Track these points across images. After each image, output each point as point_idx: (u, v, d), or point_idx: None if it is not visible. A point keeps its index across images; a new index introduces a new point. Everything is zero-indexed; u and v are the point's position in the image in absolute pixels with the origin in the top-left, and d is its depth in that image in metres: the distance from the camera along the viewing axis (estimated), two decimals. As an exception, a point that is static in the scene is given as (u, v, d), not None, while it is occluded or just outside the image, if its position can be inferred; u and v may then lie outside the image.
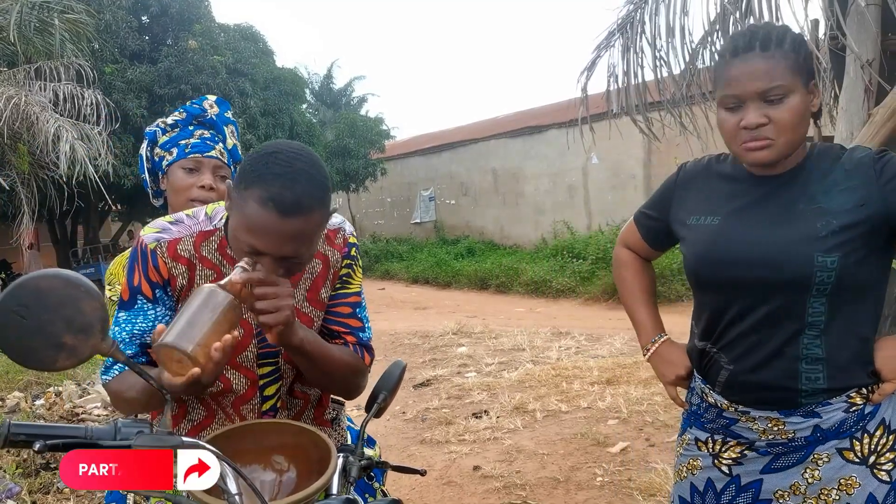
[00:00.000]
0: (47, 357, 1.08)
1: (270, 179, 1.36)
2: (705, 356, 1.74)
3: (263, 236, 1.37)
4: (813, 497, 1.62)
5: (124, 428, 1.15)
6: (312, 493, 1.29)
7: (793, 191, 1.61)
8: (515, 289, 14.67)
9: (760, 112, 1.53)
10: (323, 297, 1.65)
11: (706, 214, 1.70)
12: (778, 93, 1.52)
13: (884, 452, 1.60)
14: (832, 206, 1.55)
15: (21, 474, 4.46)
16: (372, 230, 25.56)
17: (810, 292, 1.54)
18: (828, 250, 1.52)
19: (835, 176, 1.58)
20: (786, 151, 1.58)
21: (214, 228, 1.60)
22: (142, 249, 1.57)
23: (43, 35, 10.04)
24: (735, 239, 1.62)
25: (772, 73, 1.52)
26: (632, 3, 3.70)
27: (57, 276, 1.08)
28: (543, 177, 18.78)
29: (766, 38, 1.54)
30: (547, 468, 4.60)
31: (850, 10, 2.71)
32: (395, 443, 5.42)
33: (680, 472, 1.83)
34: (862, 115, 2.71)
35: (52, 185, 11.02)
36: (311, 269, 1.63)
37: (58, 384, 6.91)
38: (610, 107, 3.96)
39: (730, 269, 1.62)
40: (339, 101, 32.00)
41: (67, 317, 1.07)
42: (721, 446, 1.72)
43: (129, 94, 15.58)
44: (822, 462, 1.61)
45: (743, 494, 1.69)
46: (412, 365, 7.96)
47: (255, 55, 18.43)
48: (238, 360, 1.60)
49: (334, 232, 1.67)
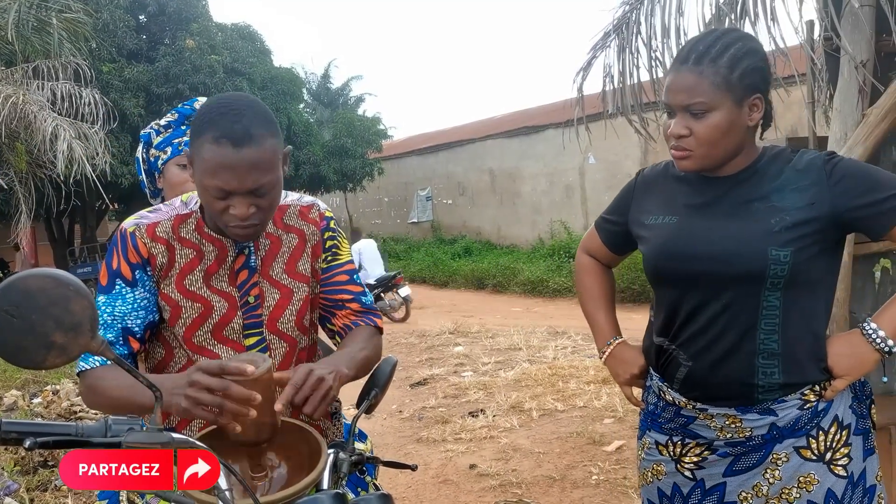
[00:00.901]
0: (37, 356, 1.08)
1: (218, 120, 1.47)
2: (663, 353, 1.76)
3: (225, 172, 1.46)
4: (775, 497, 1.65)
5: (115, 425, 1.15)
6: (302, 489, 1.30)
7: (746, 190, 1.66)
8: (512, 288, 14.68)
9: (683, 123, 1.60)
10: (301, 269, 1.72)
11: (664, 214, 1.75)
12: (699, 108, 1.58)
13: (839, 448, 1.64)
14: (785, 204, 1.60)
15: (19, 472, 4.47)
16: (369, 230, 25.54)
17: (765, 285, 1.59)
18: (781, 244, 1.57)
19: (787, 176, 1.63)
20: (707, 163, 1.64)
21: (191, 212, 1.68)
22: (121, 234, 1.65)
23: (41, 34, 10.04)
24: (692, 234, 1.68)
25: (695, 88, 1.58)
26: (627, 3, 3.71)
27: (47, 276, 1.08)
28: (540, 177, 18.79)
29: (701, 53, 1.58)
30: (543, 467, 4.62)
31: (845, 12, 2.72)
32: (392, 441, 5.43)
33: (645, 476, 1.85)
34: (856, 116, 2.71)
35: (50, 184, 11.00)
36: (288, 244, 1.71)
37: (55, 382, 6.91)
38: (606, 107, 3.97)
39: (687, 262, 1.67)
40: (337, 101, 31.94)
41: (57, 316, 1.07)
42: (681, 449, 1.75)
43: (127, 94, 15.54)
44: (781, 462, 1.64)
45: (709, 498, 1.71)
46: (409, 364, 7.98)
47: (252, 54, 18.40)
48: (224, 333, 1.64)
49: (307, 208, 1.76)
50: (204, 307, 1.63)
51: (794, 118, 8.87)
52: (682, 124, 1.60)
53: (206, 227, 1.65)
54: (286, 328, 1.68)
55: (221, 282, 1.65)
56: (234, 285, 1.65)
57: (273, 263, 1.69)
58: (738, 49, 1.59)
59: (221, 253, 1.65)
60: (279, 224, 1.72)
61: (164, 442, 1.14)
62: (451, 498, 4.29)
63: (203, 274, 1.64)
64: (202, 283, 1.64)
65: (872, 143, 2.64)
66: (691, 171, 1.66)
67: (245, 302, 1.65)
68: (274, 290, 1.68)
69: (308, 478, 1.32)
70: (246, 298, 1.65)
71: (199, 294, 1.64)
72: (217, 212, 1.53)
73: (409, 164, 24.08)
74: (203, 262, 1.65)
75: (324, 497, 1.32)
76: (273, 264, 1.68)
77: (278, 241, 1.71)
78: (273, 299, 1.67)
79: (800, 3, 2.99)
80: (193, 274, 1.64)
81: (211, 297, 1.64)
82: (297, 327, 1.70)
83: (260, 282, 1.67)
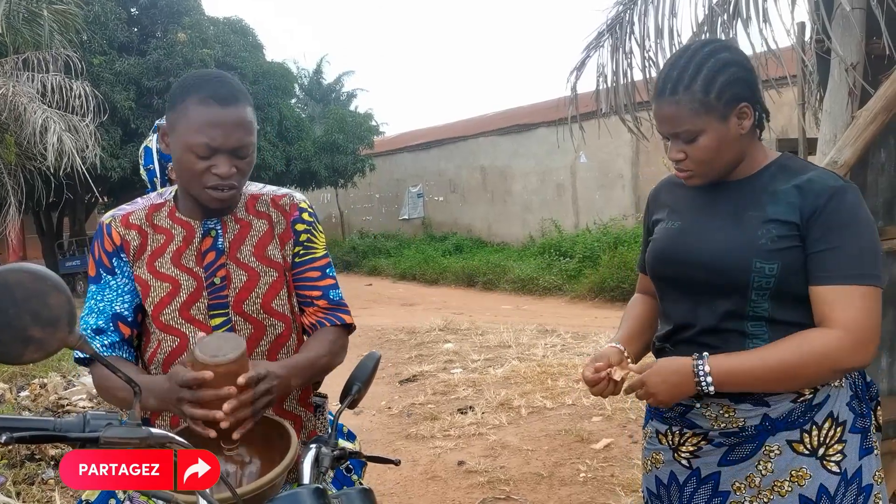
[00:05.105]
0: (14, 350, 1.08)
1: (203, 84, 1.58)
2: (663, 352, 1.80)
3: (212, 129, 1.54)
4: (767, 489, 1.66)
5: (93, 420, 1.15)
6: (273, 479, 1.31)
7: (747, 198, 1.68)
8: (502, 286, 14.68)
9: (678, 148, 1.65)
10: (270, 255, 1.74)
11: (671, 219, 1.79)
12: (686, 136, 1.62)
13: (832, 444, 1.64)
14: (777, 216, 1.61)
15: (6, 465, 4.45)
16: (360, 226, 25.53)
17: (750, 297, 1.61)
18: (767, 257, 1.59)
19: (787, 188, 1.63)
20: (713, 176, 1.68)
21: (164, 201, 1.75)
22: (99, 227, 1.73)
23: (31, 25, 9.99)
24: (687, 240, 1.71)
25: (676, 118, 1.62)
26: (621, 3, 3.72)
27: (24, 271, 1.09)
28: (531, 175, 18.81)
29: (675, 81, 1.61)
30: (531, 464, 4.63)
31: (836, 14, 2.73)
32: (380, 437, 5.43)
33: (646, 465, 1.89)
34: (846, 118, 2.73)
35: (39, 177, 10.96)
36: (257, 228, 1.74)
37: (43, 376, 6.88)
38: (599, 106, 3.98)
39: (679, 267, 1.71)
40: (329, 97, 31.91)
41: (35, 310, 1.07)
42: (679, 438, 1.77)
43: (118, 87, 15.46)
44: (774, 454, 1.65)
45: (703, 486, 1.74)
46: (398, 360, 7.98)
47: (244, 49, 18.35)
48: (191, 312, 1.67)
49: (279, 197, 1.79)
50: (172, 286, 1.67)
51: (784, 119, 8.90)
52: (677, 149, 1.65)
53: (178, 212, 1.72)
54: (251, 310, 1.70)
55: (189, 261, 1.69)
56: (200, 266, 1.69)
57: (241, 247, 1.72)
58: (711, 67, 1.60)
59: (189, 234, 1.70)
60: (251, 210, 1.76)
61: (141, 437, 1.15)
62: (440, 494, 4.30)
63: (172, 254, 1.69)
64: (171, 262, 1.68)
65: (861, 145, 2.67)
66: (701, 184, 1.71)
67: (211, 283, 1.68)
68: (241, 272, 1.70)
69: (278, 468, 1.33)
70: (212, 279, 1.68)
71: (168, 274, 1.68)
72: (197, 174, 1.58)
73: (401, 161, 24.05)
74: (173, 243, 1.70)
75: (303, 491, 1.32)
76: (241, 247, 1.71)
77: (248, 226, 1.74)
78: (240, 281, 1.70)
79: (792, 5, 3.00)
80: (164, 256, 1.69)
81: (179, 275, 1.68)
82: (265, 310, 1.71)
83: (227, 264, 1.70)
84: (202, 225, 1.70)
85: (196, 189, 1.61)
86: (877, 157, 3.12)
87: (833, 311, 1.55)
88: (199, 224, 1.70)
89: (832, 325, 1.54)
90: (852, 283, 1.54)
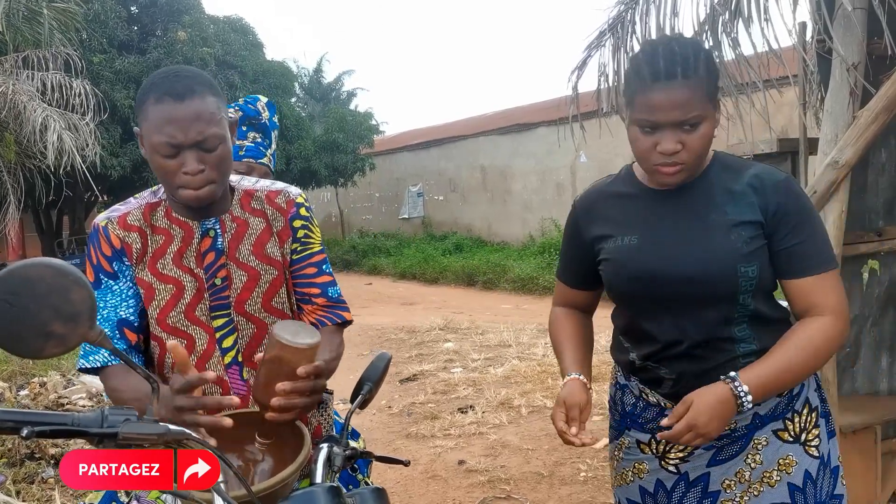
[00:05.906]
0: (35, 345, 1.08)
1: (158, 83, 1.55)
2: (644, 370, 1.77)
3: (170, 125, 1.51)
4: (757, 482, 1.67)
5: (111, 416, 1.14)
6: (287, 478, 1.31)
7: (698, 201, 1.66)
8: (502, 285, 14.67)
9: (675, 139, 1.56)
10: (270, 253, 1.72)
11: (622, 234, 1.72)
12: (695, 121, 1.56)
13: (811, 429, 1.69)
14: (743, 218, 1.61)
15: (6, 464, 4.45)
16: (360, 225, 25.51)
17: (737, 301, 1.62)
18: (747, 261, 1.60)
19: (742, 189, 1.63)
20: (695, 172, 1.65)
21: (159, 199, 1.71)
22: (95, 230, 1.68)
23: (31, 24, 9.99)
24: (660, 253, 1.66)
25: (691, 102, 1.54)
26: (622, 3, 3.71)
27: (46, 265, 1.08)
28: (531, 174, 18.80)
29: (686, 65, 1.54)
30: (531, 463, 4.64)
31: (837, 14, 2.73)
32: (381, 437, 5.43)
33: (625, 477, 1.84)
34: (847, 118, 2.73)
35: (39, 175, 10.95)
36: (254, 227, 1.72)
37: (42, 374, 6.88)
38: (600, 105, 3.97)
39: (656, 284, 1.66)
40: (329, 96, 31.86)
41: (56, 305, 1.07)
42: (665, 445, 1.75)
43: (118, 85, 15.45)
44: (762, 446, 1.67)
45: (693, 489, 1.73)
46: (399, 360, 7.97)
47: (244, 47, 18.33)
48: (196, 313, 1.66)
49: (275, 193, 1.77)
50: (176, 287, 1.65)
51: (785, 119, 8.90)
52: (675, 139, 1.56)
53: (174, 212, 1.69)
54: (253, 310, 1.69)
55: (190, 261, 1.67)
56: (200, 267, 1.67)
57: (240, 246, 1.69)
58: (706, 55, 1.60)
59: (188, 234, 1.68)
60: (247, 208, 1.73)
61: (160, 433, 1.14)
62: (440, 493, 4.30)
63: (173, 255, 1.67)
64: (173, 263, 1.66)
65: (862, 145, 2.67)
66: (681, 183, 1.64)
67: (212, 284, 1.66)
68: (241, 272, 1.69)
69: (291, 466, 1.33)
70: (213, 280, 1.67)
71: (171, 275, 1.66)
72: (170, 175, 1.55)
73: (401, 160, 24.03)
74: (173, 244, 1.67)
75: (319, 490, 1.32)
76: (240, 247, 1.69)
77: (245, 224, 1.72)
78: (241, 281, 1.68)
79: (793, 5, 2.99)
80: (165, 257, 1.66)
81: (182, 276, 1.66)
82: (265, 309, 1.71)
83: (227, 264, 1.68)
84: (200, 225, 1.68)
85: (171, 189, 1.59)
86: (877, 157, 3.12)
87: (819, 298, 1.61)
88: (196, 224, 1.68)
89: (822, 312, 1.60)
90: (825, 269, 1.62)
